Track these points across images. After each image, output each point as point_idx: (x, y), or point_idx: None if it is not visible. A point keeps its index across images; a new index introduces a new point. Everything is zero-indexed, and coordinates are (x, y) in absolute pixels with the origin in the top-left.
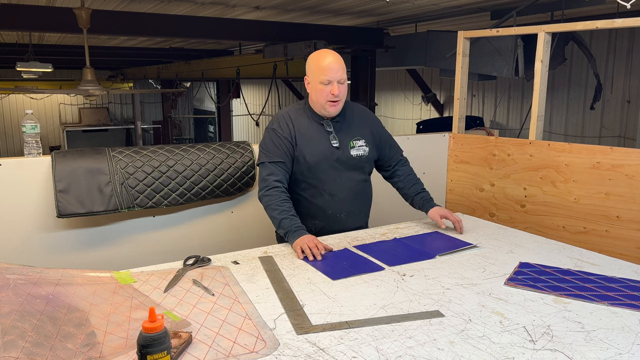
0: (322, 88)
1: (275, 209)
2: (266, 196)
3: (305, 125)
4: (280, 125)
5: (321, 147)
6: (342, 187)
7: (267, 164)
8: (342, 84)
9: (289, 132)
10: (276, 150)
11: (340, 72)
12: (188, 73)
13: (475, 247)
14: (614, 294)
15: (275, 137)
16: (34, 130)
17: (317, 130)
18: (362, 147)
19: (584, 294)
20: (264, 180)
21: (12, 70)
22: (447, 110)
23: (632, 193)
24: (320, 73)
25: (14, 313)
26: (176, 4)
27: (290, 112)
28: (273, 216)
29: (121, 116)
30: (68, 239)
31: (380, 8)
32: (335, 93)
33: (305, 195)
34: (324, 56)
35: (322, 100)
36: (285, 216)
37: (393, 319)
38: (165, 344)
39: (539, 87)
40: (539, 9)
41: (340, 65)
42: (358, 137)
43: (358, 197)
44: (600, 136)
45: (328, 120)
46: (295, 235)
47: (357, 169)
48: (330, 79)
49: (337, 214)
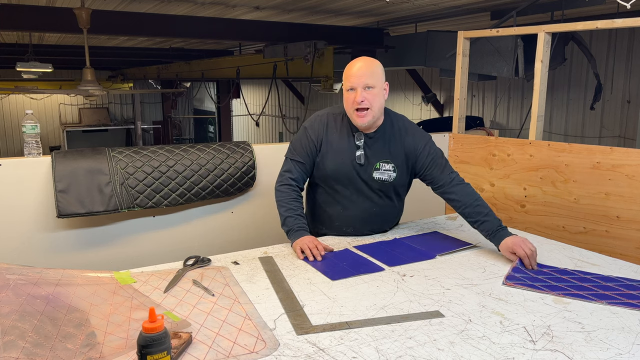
0: (347, 96)
1: (283, 205)
2: (278, 191)
3: (336, 133)
4: (312, 126)
5: (344, 159)
6: (357, 205)
7: (289, 160)
8: (372, 90)
9: (317, 136)
10: (300, 150)
11: (366, 77)
12: (188, 73)
13: (475, 247)
14: (612, 292)
15: (304, 137)
16: (34, 130)
17: (345, 141)
18: (388, 172)
19: (582, 294)
20: (281, 175)
21: (12, 71)
22: (447, 110)
23: (632, 193)
24: (346, 79)
25: (14, 313)
26: (176, 4)
27: (329, 116)
28: (280, 212)
29: (121, 116)
30: (68, 239)
31: (380, 8)
32: (358, 100)
33: (319, 200)
34: (353, 62)
35: (349, 109)
36: (291, 214)
37: (393, 319)
38: (165, 344)
39: (539, 87)
40: (539, 9)
41: (370, 69)
42: (387, 160)
43: (373, 218)
44: (600, 136)
45: (361, 133)
46: (296, 235)
47: (378, 192)
48: (354, 85)
49: (344, 228)
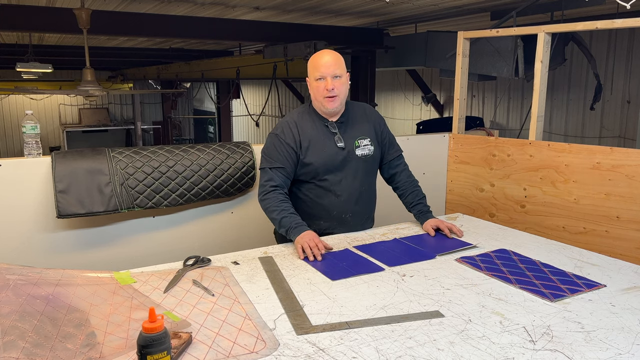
0: (317, 85)
1: (274, 210)
2: (264, 200)
3: (310, 129)
4: (283, 131)
5: (327, 149)
6: (348, 187)
7: (267, 170)
8: (339, 79)
9: (293, 138)
10: (277, 156)
11: (334, 67)
12: (188, 73)
13: (475, 247)
14: (538, 280)
15: (278, 142)
16: (34, 130)
17: (322, 133)
18: (367, 147)
19: (503, 275)
20: (262, 186)
21: (12, 71)
22: (447, 110)
23: (632, 193)
24: (314, 70)
25: (14, 313)
26: (176, 5)
27: (294, 118)
28: (273, 217)
29: (121, 117)
30: (68, 239)
31: (380, 8)
32: (329, 87)
33: (311, 196)
34: (320, 55)
35: (319, 97)
36: (285, 215)
37: (393, 320)
38: (165, 344)
39: (539, 88)
40: (539, 9)
41: (335, 61)
42: (362, 136)
43: (363, 197)
44: (600, 136)
45: (332, 122)
46: (296, 232)
47: (363, 169)
48: (323, 74)
49: (343, 215)
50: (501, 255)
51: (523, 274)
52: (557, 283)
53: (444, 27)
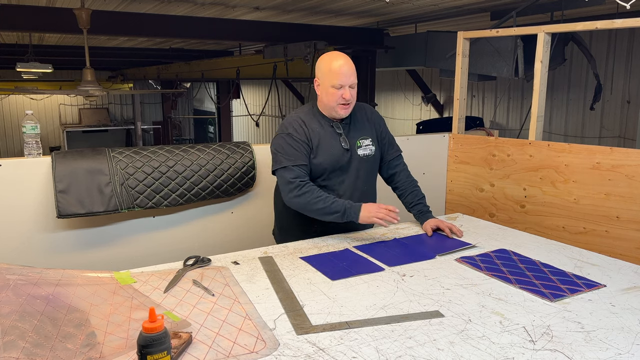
0: (334, 92)
1: (317, 201)
2: (301, 196)
3: (317, 129)
4: (295, 129)
5: (334, 150)
6: (350, 187)
7: (290, 167)
8: (353, 88)
9: (305, 135)
10: (297, 154)
11: (353, 77)
12: (188, 73)
13: (474, 247)
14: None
15: (293, 141)
16: (34, 130)
17: (329, 133)
18: (369, 147)
19: (503, 275)
20: (289, 183)
21: (12, 71)
22: (447, 110)
23: (632, 193)
24: (332, 77)
25: (14, 313)
26: (176, 5)
27: (301, 116)
28: (318, 208)
29: (121, 117)
30: (68, 239)
31: (381, 8)
32: (347, 97)
33: None
34: (335, 59)
35: (332, 104)
36: (332, 200)
37: (393, 319)
38: (165, 344)
39: (539, 88)
40: (539, 9)
41: (352, 69)
42: (364, 137)
43: (364, 197)
44: (600, 137)
45: (337, 122)
46: (353, 210)
47: (364, 169)
48: (343, 83)
49: None
50: (501, 255)
51: (523, 274)
52: (557, 283)
53: (444, 27)
